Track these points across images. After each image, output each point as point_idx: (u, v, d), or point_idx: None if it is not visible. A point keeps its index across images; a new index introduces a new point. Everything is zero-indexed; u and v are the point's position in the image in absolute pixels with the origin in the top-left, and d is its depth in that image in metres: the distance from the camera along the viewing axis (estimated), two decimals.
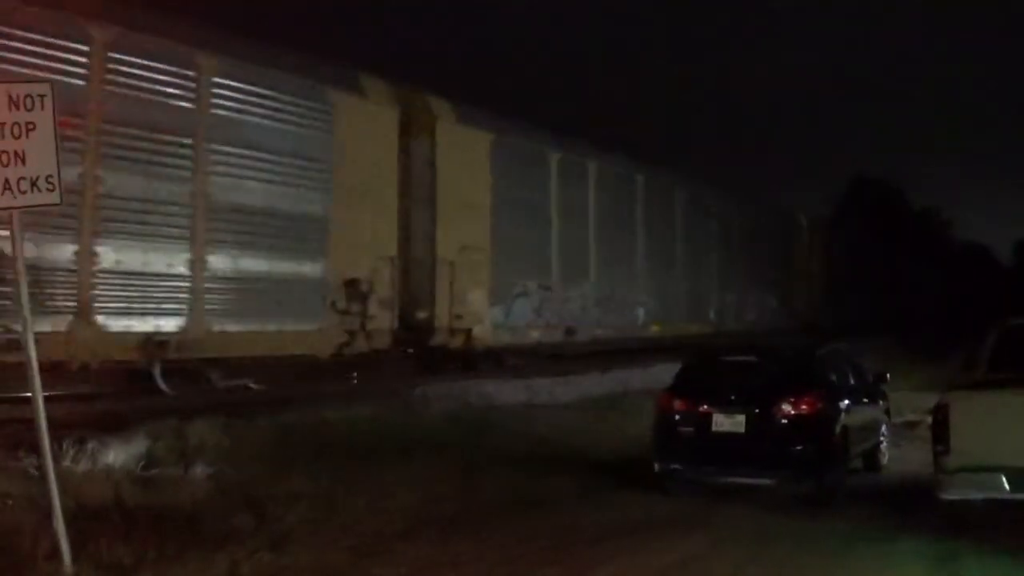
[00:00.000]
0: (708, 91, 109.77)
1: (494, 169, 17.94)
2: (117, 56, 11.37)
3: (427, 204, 16.24)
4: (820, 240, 36.12)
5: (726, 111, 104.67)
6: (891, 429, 12.89)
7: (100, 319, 11.22)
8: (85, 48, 11.05)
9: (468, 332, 17.02)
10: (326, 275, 14.30)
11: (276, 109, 13.48)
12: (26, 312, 6.59)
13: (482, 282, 17.48)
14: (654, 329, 23.84)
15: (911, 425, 14.60)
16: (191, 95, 12.30)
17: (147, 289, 11.76)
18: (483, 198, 17.65)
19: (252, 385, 13.26)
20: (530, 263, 19.14)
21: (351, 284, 14.59)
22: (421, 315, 16.14)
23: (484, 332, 17.46)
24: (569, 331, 20.07)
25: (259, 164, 13.20)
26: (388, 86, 16.02)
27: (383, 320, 15.23)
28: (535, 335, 19.22)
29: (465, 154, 17.08)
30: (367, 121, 15.10)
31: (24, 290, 6.59)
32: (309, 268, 14.10)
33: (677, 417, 10.43)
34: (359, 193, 14.80)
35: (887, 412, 12.77)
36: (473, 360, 17.41)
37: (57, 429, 7.68)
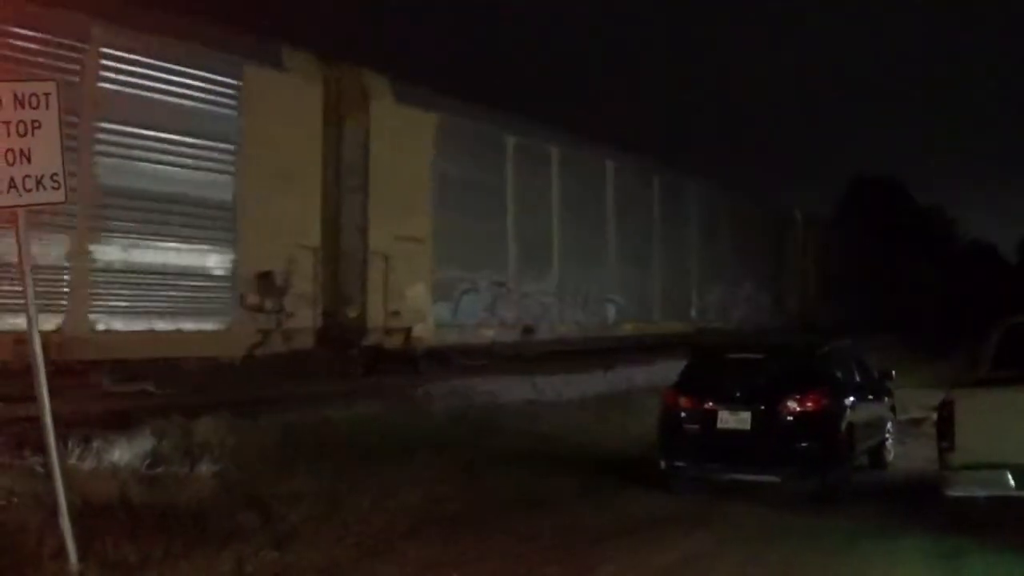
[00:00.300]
0: (708, 91, 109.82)
1: (439, 153, 16.34)
2: None
3: (358, 190, 14.76)
4: (816, 236, 34.78)
5: (726, 111, 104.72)
6: (896, 426, 12.88)
7: None
8: None
9: (407, 331, 15.59)
10: (235, 268, 12.90)
11: (177, 83, 12.13)
12: (31, 310, 6.61)
13: (423, 277, 16.00)
14: (627, 328, 22.17)
15: (916, 422, 14.61)
16: (76, 67, 11.01)
17: (18, 282, 10.58)
18: (425, 185, 16.10)
19: (151, 389, 12.00)
20: (481, 256, 17.50)
21: (265, 278, 13.16)
22: (351, 313, 14.72)
23: (426, 331, 15.98)
24: (527, 330, 18.51)
25: (155, 144, 11.95)
26: (313, 60, 14.47)
27: (304, 318, 13.81)
28: (488, 335, 17.66)
29: (404, 136, 15.43)
30: (286, 98, 13.58)
31: (30, 288, 6.62)
32: (214, 260, 12.79)
33: (682, 414, 10.42)
34: (276, 177, 13.33)
35: (892, 409, 12.76)
36: (415, 362, 15.96)
37: (63, 427, 7.72)
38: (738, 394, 10.30)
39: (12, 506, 7.39)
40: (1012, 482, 7.93)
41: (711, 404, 10.26)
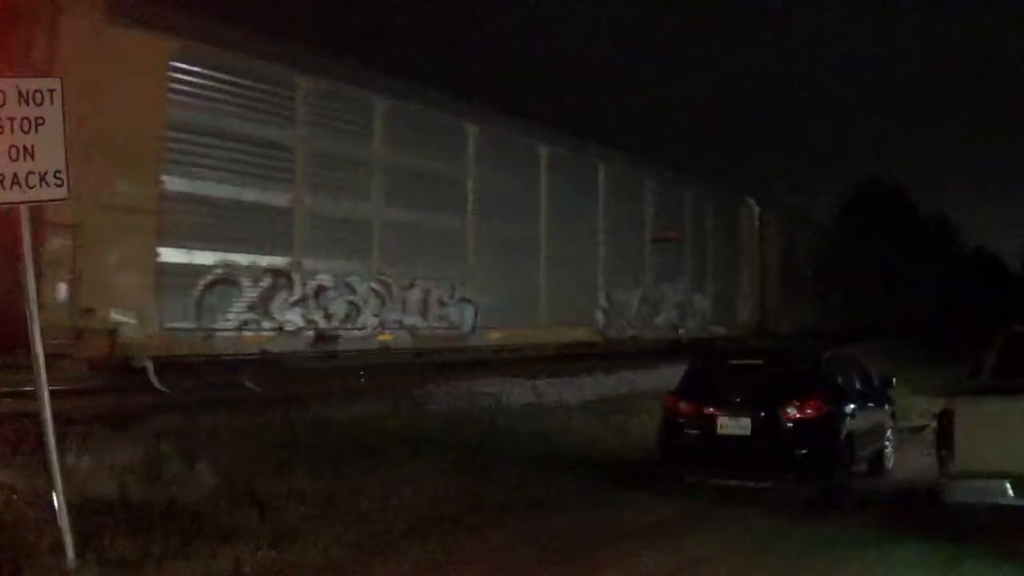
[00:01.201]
0: (710, 93, 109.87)
1: (178, 92, 12.21)
2: None
3: None
4: (778, 228, 29.71)
5: (727, 114, 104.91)
6: (896, 434, 12.87)
7: None
8: None
9: (111, 335, 11.44)
10: None
11: None
12: (32, 306, 6.63)
13: (141, 261, 11.81)
14: (493, 336, 17.38)
15: (916, 430, 14.61)
16: None
17: None
18: (154, 136, 11.93)
19: None
20: (247, 235, 12.99)
21: None
22: (14, 308, 10.43)
23: (143, 335, 11.70)
24: (322, 338, 13.97)
25: None
26: None
27: None
28: (258, 342, 13.09)
29: (120, 66, 11.35)
30: None
31: (31, 284, 6.63)
32: None
33: (682, 420, 10.43)
34: None
35: (893, 416, 12.76)
36: (145, 376, 11.74)
37: (63, 424, 7.73)
38: (738, 400, 10.31)
39: (11, 502, 7.40)
40: (1011, 492, 7.92)
41: (711, 409, 10.26)
